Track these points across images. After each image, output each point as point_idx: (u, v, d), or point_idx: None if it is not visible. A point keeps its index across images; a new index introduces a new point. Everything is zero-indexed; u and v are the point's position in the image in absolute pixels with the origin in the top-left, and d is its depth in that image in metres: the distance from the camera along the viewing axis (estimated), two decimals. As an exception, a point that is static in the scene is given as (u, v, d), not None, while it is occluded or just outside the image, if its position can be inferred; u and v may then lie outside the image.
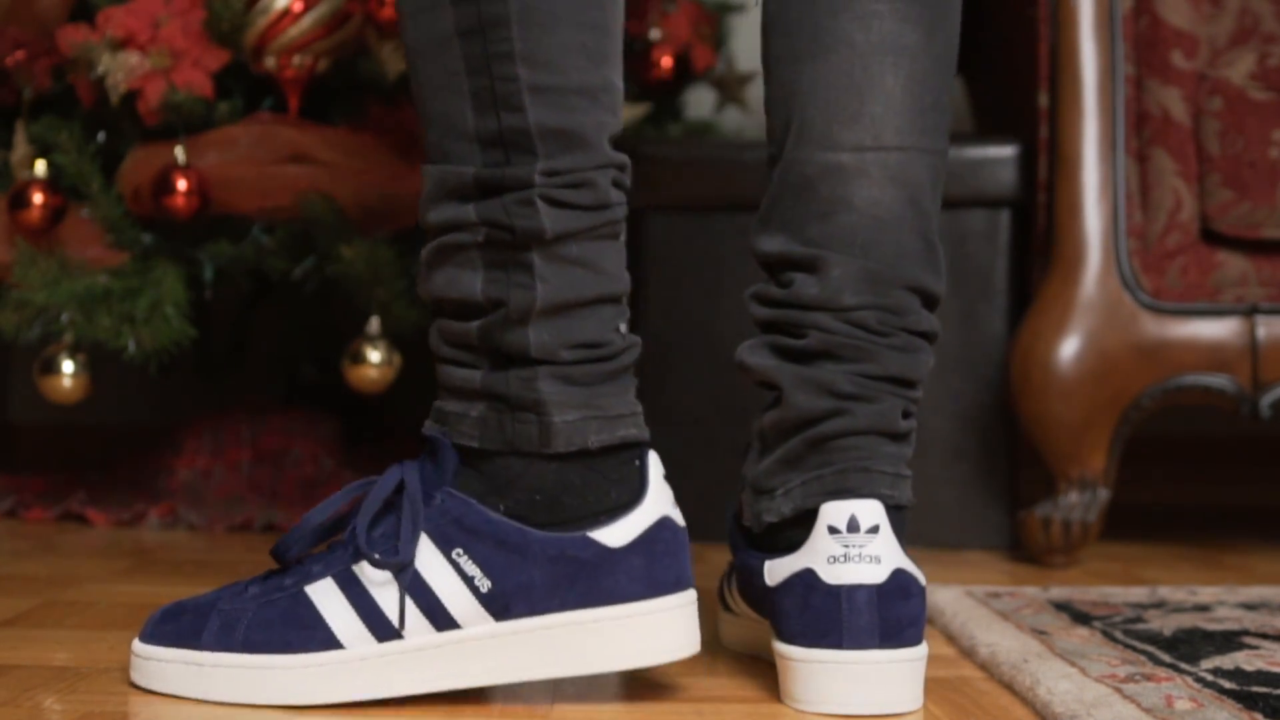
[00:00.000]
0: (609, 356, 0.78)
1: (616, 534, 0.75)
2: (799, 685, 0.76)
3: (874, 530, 0.76)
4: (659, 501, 0.77)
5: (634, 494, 0.77)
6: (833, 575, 0.75)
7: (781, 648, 0.77)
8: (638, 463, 0.78)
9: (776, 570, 0.78)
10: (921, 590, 0.76)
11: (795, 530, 0.79)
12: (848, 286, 0.79)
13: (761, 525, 0.81)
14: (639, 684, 0.82)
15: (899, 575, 0.75)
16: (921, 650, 0.76)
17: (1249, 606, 1.01)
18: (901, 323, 0.80)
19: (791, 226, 0.81)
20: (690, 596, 0.77)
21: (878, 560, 0.75)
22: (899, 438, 0.80)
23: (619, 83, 0.79)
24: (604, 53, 0.77)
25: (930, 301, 0.83)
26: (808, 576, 0.76)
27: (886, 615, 0.74)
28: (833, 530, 0.76)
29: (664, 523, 0.77)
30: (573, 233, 0.76)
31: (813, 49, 0.81)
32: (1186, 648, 0.86)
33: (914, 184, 0.81)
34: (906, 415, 0.80)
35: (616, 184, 0.78)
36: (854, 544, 0.75)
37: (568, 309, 0.76)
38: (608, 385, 0.78)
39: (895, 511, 0.78)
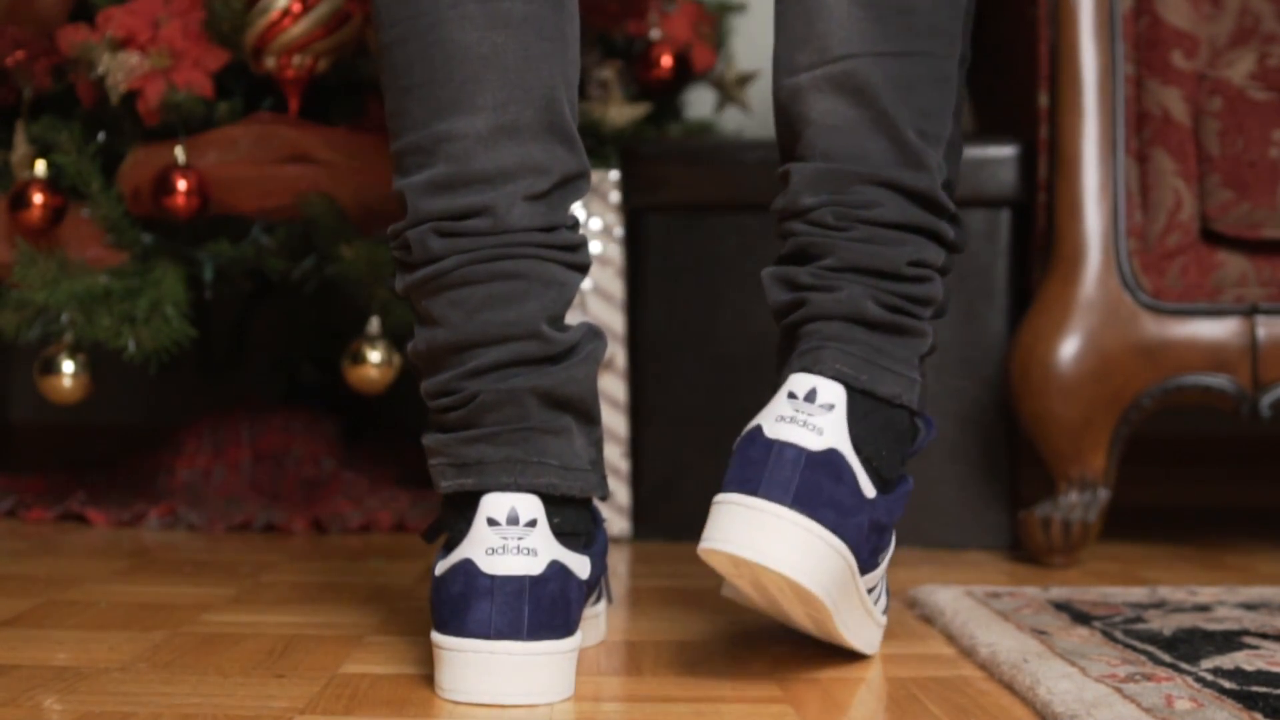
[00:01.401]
0: (459, 405, 0.80)
1: (440, 567, 0.79)
2: (712, 526, 0.79)
3: (828, 407, 0.78)
4: (468, 546, 0.77)
5: (461, 535, 0.78)
6: (773, 430, 0.79)
7: (714, 499, 0.81)
8: (468, 506, 0.79)
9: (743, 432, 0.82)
10: (856, 491, 0.78)
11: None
12: (805, 189, 0.84)
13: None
14: (639, 684, 0.82)
15: (833, 454, 0.77)
16: (832, 539, 0.77)
17: (1249, 606, 1.01)
18: (864, 215, 0.82)
19: (785, 151, 0.88)
20: (461, 643, 0.76)
21: (819, 431, 0.77)
22: (873, 326, 0.81)
23: (453, 129, 0.80)
24: (440, 103, 0.81)
25: (913, 195, 0.83)
26: (754, 431, 0.80)
27: (807, 481, 0.77)
28: (791, 395, 0.79)
29: (460, 567, 0.77)
30: (412, 290, 0.82)
31: None
32: (1186, 648, 0.86)
33: (864, 88, 0.83)
34: (884, 305, 0.82)
35: (443, 234, 0.80)
36: (802, 410, 0.78)
37: (427, 359, 0.82)
38: (461, 433, 0.80)
39: (864, 398, 0.80)
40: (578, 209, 1.45)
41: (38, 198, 1.37)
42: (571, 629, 0.78)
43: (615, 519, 1.45)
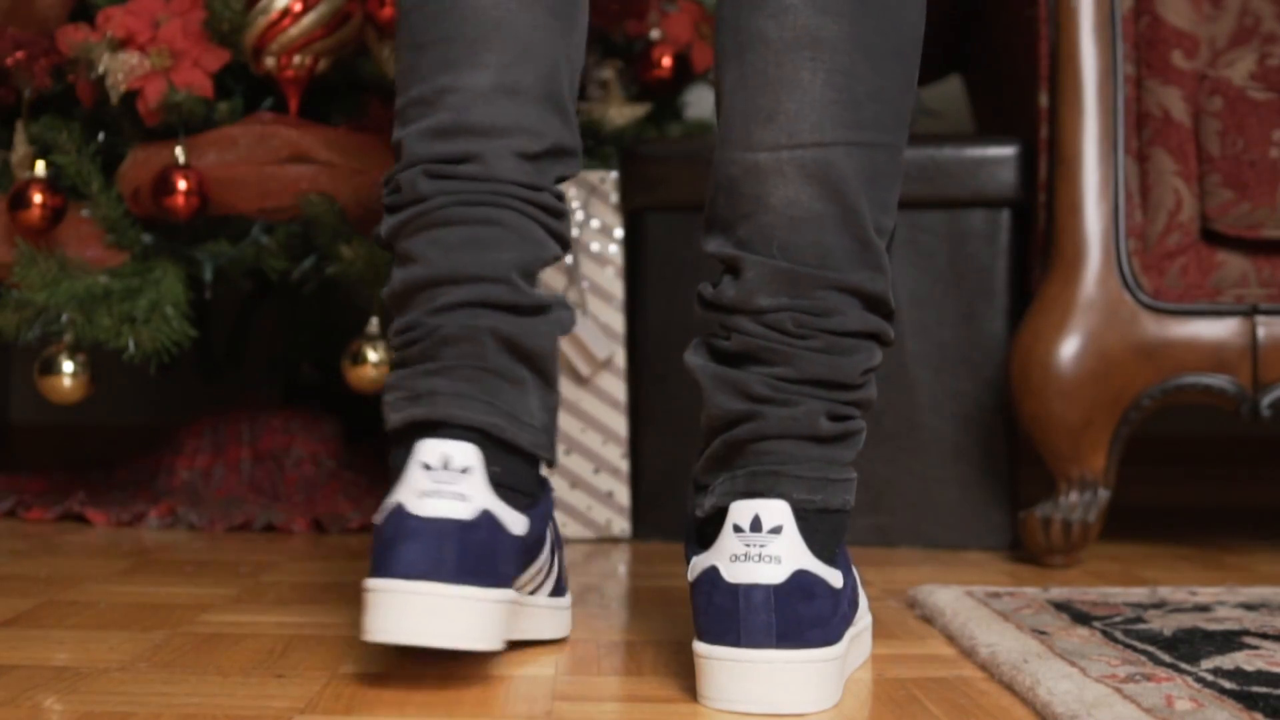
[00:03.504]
0: (422, 338, 0.82)
1: (377, 516, 0.79)
2: (703, 682, 0.76)
3: (776, 530, 0.75)
4: (401, 491, 0.78)
5: (396, 477, 0.79)
6: (732, 574, 0.75)
7: (693, 644, 0.77)
8: (411, 446, 0.79)
9: (694, 567, 0.79)
10: (832, 592, 0.76)
11: (712, 528, 0.79)
12: (762, 288, 0.78)
13: (695, 521, 0.82)
14: (639, 684, 0.82)
15: (800, 576, 0.74)
16: (826, 652, 0.75)
17: (1249, 606, 1.01)
18: (825, 324, 0.78)
19: (724, 227, 0.81)
20: (386, 584, 0.75)
21: (778, 560, 0.74)
22: (825, 440, 0.78)
23: (457, 83, 0.83)
24: (449, 59, 0.83)
25: (871, 300, 0.80)
26: (712, 574, 0.76)
27: (785, 615, 0.74)
28: (737, 529, 0.76)
29: (393, 512, 0.77)
30: (396, 231, 0.84)
31: (734, 47, 0.81)
32: (1186, 648, 0.86)
33: (836, 180, 0.78)
34: (835, 417, 0.79)
35: (433, 175, 0.83)
36: (755, 543, 0.75)
37: (400, 298, 0.83)
38: (419, 366, 0.81)
39: (816, 515, 0.77)
40: (572, 196, 1.45)
41: (38, 198, 1.37)
42: (500, 580, 0.77)
43: (615, 519, 1.45)
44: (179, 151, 1.38)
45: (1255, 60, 1.28)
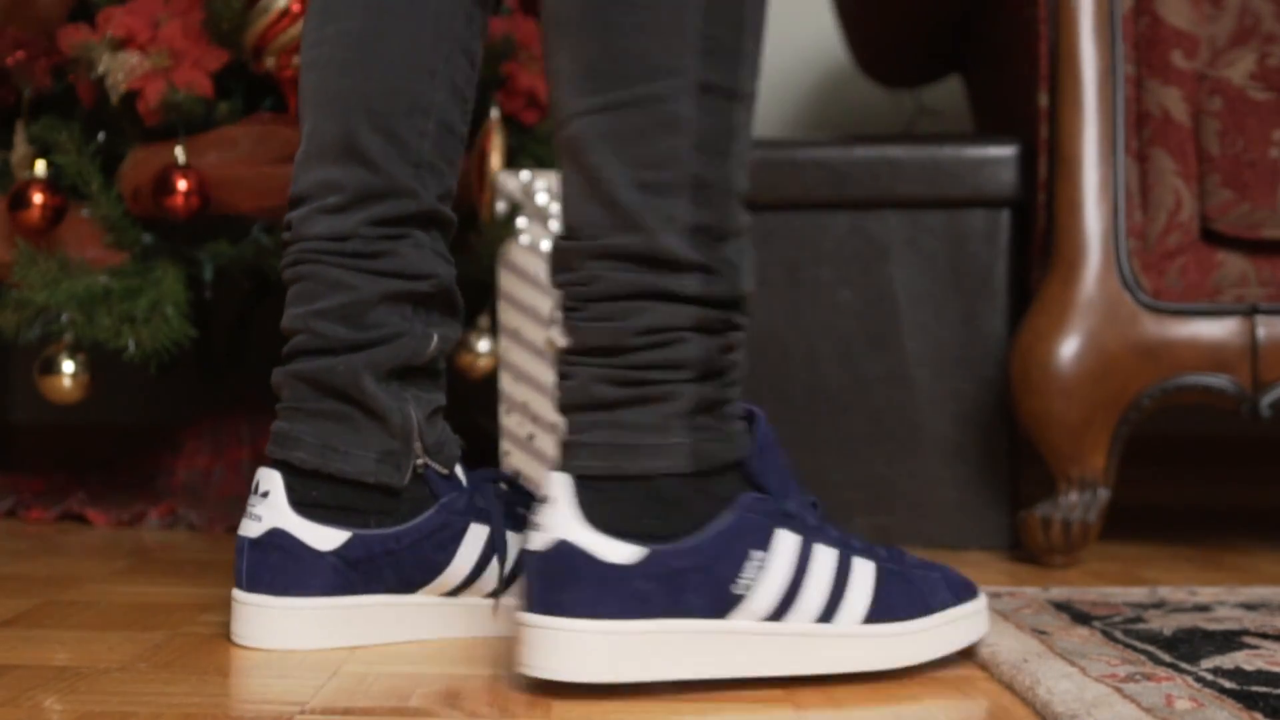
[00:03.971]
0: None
1: None
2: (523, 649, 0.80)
3: (551, 501, 0.78)
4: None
5: None
6: (527, 541, 0.80)
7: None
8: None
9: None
10: (599, 563, 0.77)
11: None
12: (550, 271, 0.83)
13: None
14: (639, 683, 0.82)
15: (562, 546, 0.77)
16: (586, 624, 0.77)
17: (1249, 606, 1.01)
18: (588, 293, 0.79)
19: None
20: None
21: (544, 529, 0.78)
22: (609, 406, 0.79)
23: (298, 157, 0.94)
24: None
25: (631, 259, 0.78)
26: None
27: (546, 582, 0.77)
28: (540, 501, 0.81)
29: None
30: None
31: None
32: (1186, 647, 0.86)
33: (579, 151, 0.79)
34: (619, 382, 0.79)
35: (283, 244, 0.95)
36: (540, 512, 0.79)
37: None
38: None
39: (611, 483, 0.78)
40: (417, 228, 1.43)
41: (38, 198, 1.36)
42: (290, 589, 0.88)
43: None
44: (179, 151, 1.38)
45: (1255, 60, 1.28)
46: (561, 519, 0.77)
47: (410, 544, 0.90)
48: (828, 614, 0.82)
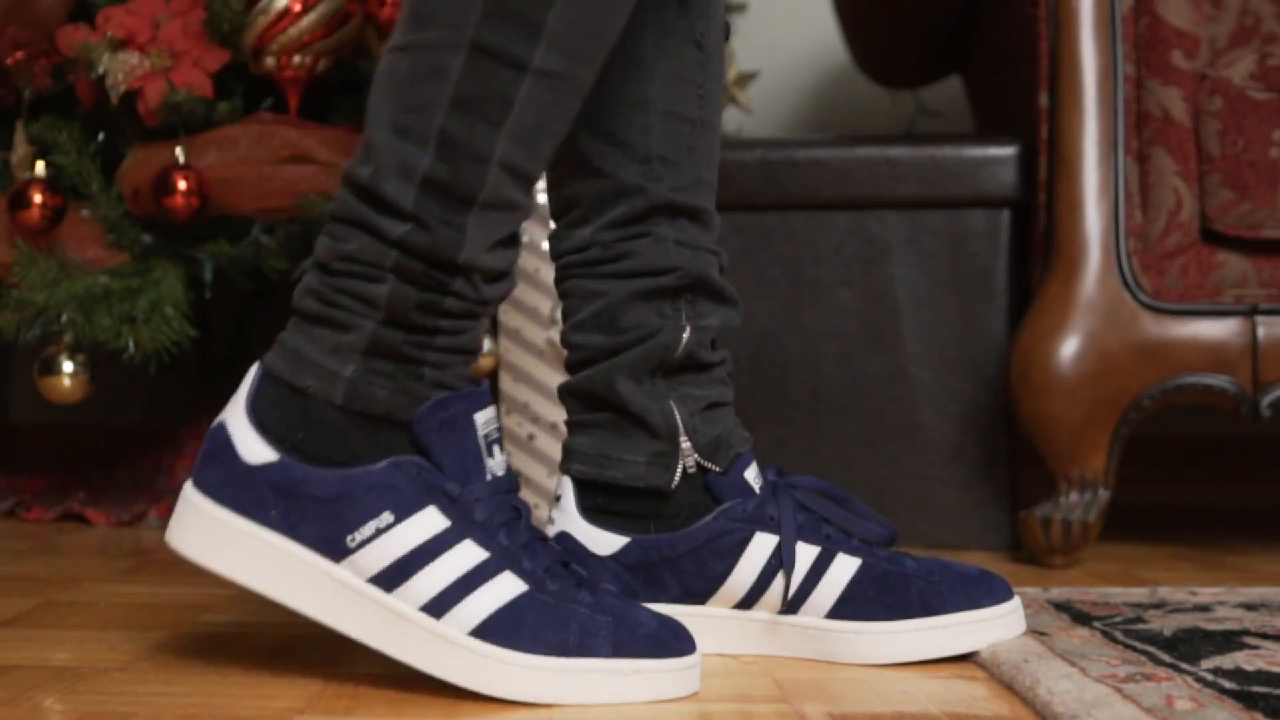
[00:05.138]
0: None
1: None
2: None
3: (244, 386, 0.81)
4: None
5: None
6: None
7: None
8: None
9: None
10: (237, 458, 0.79)
11: None
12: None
13: None
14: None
15: (217, 429, 0.80)
16: (204, 503, 0.79)
17: (1249, 606, 1.01)
18: (332, 210, 0.81)
19: None
20: None
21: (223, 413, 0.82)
22: (305, 317, 0.82)
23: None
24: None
25: (354, 188, 0.80)
26: None
27: (201, 456, 0.81)
28: None
29: None
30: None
31: None
32: (1186, 648, 0.86)
33: (373, 85, 0.81)
34: (319, 297, 0.81)
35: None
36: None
37: None
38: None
39: (283, 386, 0.80)
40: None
41: (38, 198, 1.37)
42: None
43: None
44: (179, 151, 1.38)
45: (1255, 60, 1.28)
46: (231, 406, 0.81)
47: (687, 551, 0.89)
48: (438, 608, 0.77)
